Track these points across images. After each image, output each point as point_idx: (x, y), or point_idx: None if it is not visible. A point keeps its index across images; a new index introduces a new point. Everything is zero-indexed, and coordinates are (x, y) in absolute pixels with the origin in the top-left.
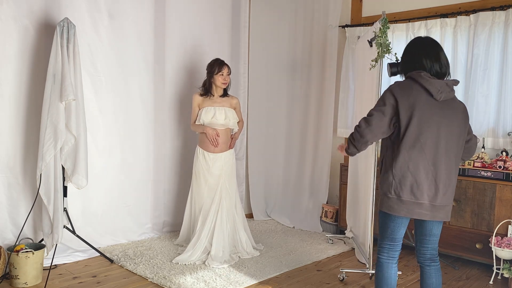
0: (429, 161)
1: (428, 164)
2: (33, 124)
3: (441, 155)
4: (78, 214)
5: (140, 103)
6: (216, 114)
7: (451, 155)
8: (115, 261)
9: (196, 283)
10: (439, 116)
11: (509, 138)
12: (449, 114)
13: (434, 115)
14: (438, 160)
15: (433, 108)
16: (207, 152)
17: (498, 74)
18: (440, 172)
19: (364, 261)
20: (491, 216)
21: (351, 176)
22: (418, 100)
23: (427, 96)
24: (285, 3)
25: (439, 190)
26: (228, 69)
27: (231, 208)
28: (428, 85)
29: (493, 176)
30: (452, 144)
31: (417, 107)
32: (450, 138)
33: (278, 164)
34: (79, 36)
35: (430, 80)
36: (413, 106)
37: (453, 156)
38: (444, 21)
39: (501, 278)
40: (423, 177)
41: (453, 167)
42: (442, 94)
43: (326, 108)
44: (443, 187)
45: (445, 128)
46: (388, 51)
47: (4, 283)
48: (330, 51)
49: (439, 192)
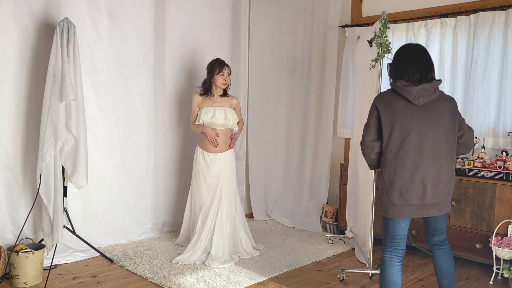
0: (414, 164)
1: (414, 167)
2: (33, 124)
3: (427, 156)
4: (78, 214)
5: (140, 103)
6: (215, 114)
7: (440, 154)
8: (115, 261)
9: (196, 283)
10: (420, 120)
11: (509, 138)
12: (432, 115)
13: (415, 119)
14: (423, 161)
15: (414, 113)
16: (206, 152)
17: (498, 74)
18: (426, 173)
19: (364, 261)
20: (491, 216)
21: (351, 176)
22: (398, 108)
23: (406, 102)
24: (285, 3)
25: (427, 190)
26: (229, 70)
27: (231, 208)
28: (405, 93)
29: (493, 176)
30: (441, 143)
31: (398, 114)
32: (437, 138)
33: (278, 164)
34: (79, 36)
35: (406, 88)
36: (393, 114)
37: (444, 155)
38: (444, 21)
39: (501, 278)
40: (410, 180)
41: (443, 166)
42: (419, 99)
43: (326, 108)
44: (432, 187)
45: (429, 130)
46: (388, 51)
47: (4, 283)
48: (330, 51)
49: (427, 192)
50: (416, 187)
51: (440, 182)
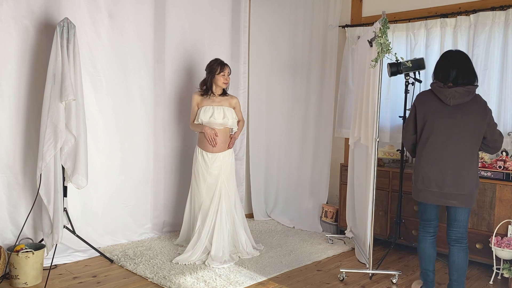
0: (437, 157)
1: (436, 159)
2: (33, 124)
3: (449, 151)
4: (78, 214)
5: (140, 103)
6: (214, 113)
7: (463, 152)
8: (115, 261)
9: (196, 283)
10: (450, 118)
11: (509, 138)
12: (461, 116)
13: (445, 117)
14: (445, 156)
15: (444, 112)
16: (205, 152)
17: (498, 74)
18: (446, 165)
19: (364, 261)
20: (491, 216)
21: (351, 176)
22: (432, 107)
23: (440, 102)
24: (285, 3)
25: (446, 181)
26: (229, 69)
27: (230, 208)
28: (439, 94)
29: (493, 176)
30: (465, 143)
31: (430, 112)
32: (462, 137)
33: (278, 164)
34: (79, 36)
35: (441, 89)
36: (427, 111)
37: (467, 153)
38: (444, 21)
39: (501, 278)
40: (431, 170)
41: (465, 162)
42: (451, 100)
43: (326, 108)
44: (450, 179)
45: (456, 128)
46: (388, 51)
47: (4, 283)
48: (330, 51)
49: (446, 182)
50: (436, 177)
51: (459, 176)
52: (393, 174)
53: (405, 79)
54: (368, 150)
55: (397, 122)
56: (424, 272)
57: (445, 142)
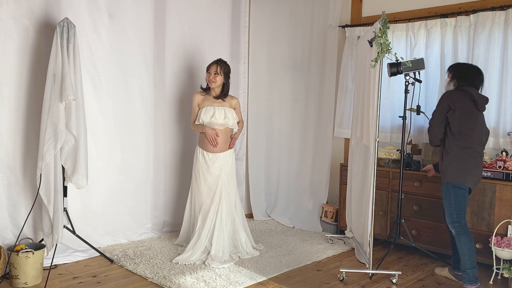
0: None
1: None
2: (33, 124)
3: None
4: (78, 214)
5: (140, 103)
6: (215, 113)
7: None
8: (115, 261)
9: (196, 283)
10: (478, 117)
11: (509, 138)
12: (480, 118)
13: (475, 113)
14: (477, 147)
15: (475, 110)
16: (206, 152)
17: (498, 74)
18: (480, 155)
19: (364, 261)
20: (491, 216)
21: (351, 176)
22: (466, 105)
23: (471, 103)
24: (285, 3)
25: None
26: (216, 68)
27: (230, 208)
28: (477, 98)
29: (493, 176)
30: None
31: (466, 110)
32: (479, 133)
33: (278, 164)
34: (79, 36)
35: (479, 95)
36: (461, 109)
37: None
38: (444, 21)
39: (501, 278)
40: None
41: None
42: (483, 107)
43: (326, 108)
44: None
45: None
46: (388, 51)
47: (4, 283)
48: (330, 51)
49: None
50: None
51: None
52: (393, 174)
53: (405, 79)
54: (368, 150)
55: (397, 122)
56: (475, 269)
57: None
